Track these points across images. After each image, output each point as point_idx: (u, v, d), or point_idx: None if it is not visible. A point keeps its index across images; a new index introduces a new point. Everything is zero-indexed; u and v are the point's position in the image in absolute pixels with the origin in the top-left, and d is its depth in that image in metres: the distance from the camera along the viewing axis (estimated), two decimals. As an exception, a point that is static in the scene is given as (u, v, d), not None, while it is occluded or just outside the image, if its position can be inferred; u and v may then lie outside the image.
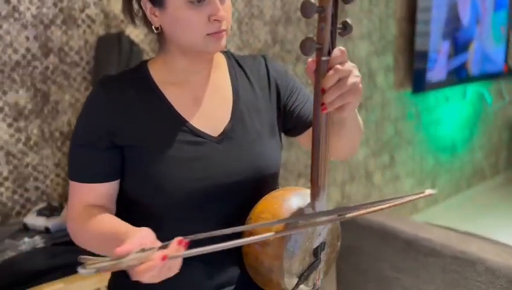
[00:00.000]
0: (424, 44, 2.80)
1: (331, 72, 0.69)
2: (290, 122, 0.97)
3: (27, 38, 1.51)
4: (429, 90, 2.98)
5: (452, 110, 3.35)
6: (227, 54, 0.97)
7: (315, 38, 0.70)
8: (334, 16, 0.69)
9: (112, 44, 1.57)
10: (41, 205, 1.55)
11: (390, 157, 2.95)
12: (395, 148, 2.97)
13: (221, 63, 0.94)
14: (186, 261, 0.79)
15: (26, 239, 1.36)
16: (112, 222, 0.82)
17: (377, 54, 2.70)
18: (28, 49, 1.51)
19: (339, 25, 0.73)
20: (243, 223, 0.85)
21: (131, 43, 1.63)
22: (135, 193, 0.87)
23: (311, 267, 0.85)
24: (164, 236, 0.69)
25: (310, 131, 0.91)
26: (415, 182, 3.17)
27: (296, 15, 2.25)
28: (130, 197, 0.88)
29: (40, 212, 1.46)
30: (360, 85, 0.72)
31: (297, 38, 2.27)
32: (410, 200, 0.82)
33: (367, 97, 2.71)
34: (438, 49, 2.92)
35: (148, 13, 0.84)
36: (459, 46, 3.10)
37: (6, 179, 1.53)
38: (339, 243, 0.92)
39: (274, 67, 0.97)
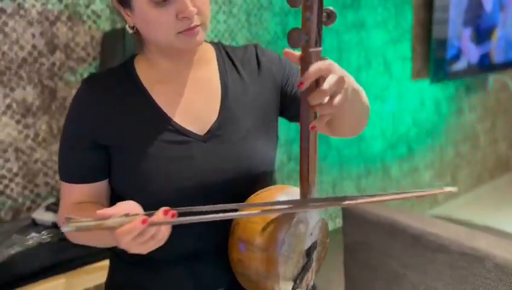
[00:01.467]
0: (443, 31, 2.71)
1: (322, 91, 0.65)
2: (292, 107, 0.93)
3: (33, 35, 1.52)
4: (449, 80, 2.88)
5: (473, 99, 3.24)
6: (218, 46, 0.93)
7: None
8: (320, 5, 0.65)
9: (117, 39, 1.57)
10: (51, 200, 1.57)
11: (408, 149, 2.88)
12: (413, 140, 2.90)
13: (210, 58, 0.91)
14: (175, 262, 0.79)
15: (33, 234, 1.38)
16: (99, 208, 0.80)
17: (393, 42, 2.63)
18: (34, 46, 1.53)
19: (323, 14, 0.69)
20: (231, 222, 0.83)
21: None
22: (122, 193, 0.86)
23: (305, 269, 0.82)
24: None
25: None
26: (434, 174, 3.09)
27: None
28: (119, 195, 0.87)
29: (48, 208, 1.48)
30: (348, 86, 0.70)
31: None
32: (427, 195, 0.79)
33: (383, 88, 2.64)
34: (459, 36, 2.82)
35: (122, 13, 0.83)
36: (482, 34, 2.98)
37: (16, 175, 1.56)
38: (328, 240, 0.89)
39: (266, 56, 0.93)
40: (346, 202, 0.76)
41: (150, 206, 0.84)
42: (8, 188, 1.55)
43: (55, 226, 1.42)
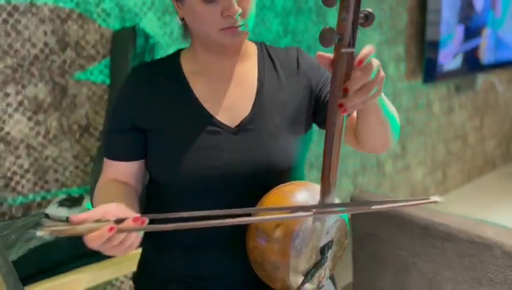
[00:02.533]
0: (435, 33, 2.79)
1: (359, 74, 0.65)
2: (323, 113, 0.95)
3: (45, 32, 1.53)
4: (440, 80, 2.97)
5: (463, 99, 3.34)
6: (261, 45, 0.98)
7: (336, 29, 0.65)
8: (357, 6, 0.65)
9: (127, 37, 1.59)
10: (62, 196, 1.58)
11: (401, 146, 2.96)
12: (407, 138, 2.98)
13: (251, 54, 0.96)
14: (199, 249, 0.85)
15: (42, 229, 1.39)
16: (111, 198, 0.83)
17: (388, 43, 2.70)
18: (45, 44, 1.54)
19: (362, 15, 0.71)
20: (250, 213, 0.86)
21: (146, 36, 1.65)
22: (155, 174, 0.93)
23: (318, 266, 0.84)
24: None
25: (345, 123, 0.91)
26: (426, 171, 3.17)
27: (307, 5, 2.25)
28: (155, 177, 0.93)
29: (61, 203, 1.49)
30: (382, 79, 0.70)
31: (308, 29, 2.27)
32: (414, 205, 0.79)
33: (378, 87, 2.71)
34: (450, 38, 2.90)
35: (175, 5, 0.87)
36: (472, 33, 3.08)
37: (27, 171, 1.57)
38: (346, 241, 0.91)
39: (306, 61, 0.97)
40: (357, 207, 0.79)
41: (177, 189, 0.89)
42: (19, 185, 1.56)
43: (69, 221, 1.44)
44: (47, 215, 1.47)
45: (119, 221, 0.67)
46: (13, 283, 0.80)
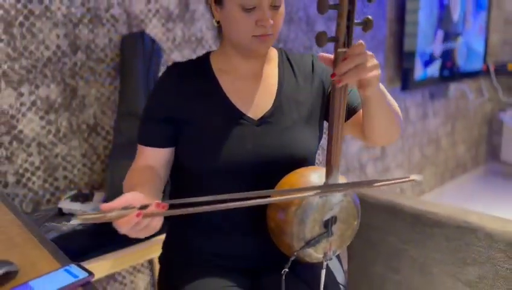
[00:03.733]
0: (412, 44, 2.99)
1: (346, 60, 0.79)
2: None
3: (58, 36, 1.61)
4: (416, 88, 3.17)
5: (436, 106, 3.56)
6: (281, 50, 1.11)
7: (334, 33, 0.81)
8: (351, 13, 0.80)
9: (136, 41, 1.69)
10: (71, 192, 1.65)
11: (381, 150, 3.13)
12: (386, 142, 3.15)
13: (273, 58, 1.09)
14: (224, 229, 0.98)
15: (64, 222, 1.46)
16: (140, 184, 0.93)
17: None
18: (58, 46, 1.62)
19: (361, 21, 0.85)
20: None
21: (153, 41, 1.75)
22: (185, 161, 1.03)
23: (321, 237, 0.96)
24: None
25: (353, 119, 1.05)
26: (404, 173, 3.36)
27: (298, 16, 2.40)
28: (181, 163, 1.04)
29: (73, 198, 1.56)
30: (375, 66, 0.83)
31: (298, 37, 2.42)
32: (396, 183, 0.94)
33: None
34: (426, 49, 3.11)
35: (212, 9, 0.99)
36: (446, 45, 3.30)
37: (38, 168, 1.63)
38: (355, 222, 1.02)
39: (320, 65, 1.11)
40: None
41: (204, 175, 1.00)
42: (30, 181, 1.62)
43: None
44: (60, 210, 1.54)
45: (143, 207, 0.77)
46: (62, 258, 0.88)
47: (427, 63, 3.16)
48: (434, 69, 3.24)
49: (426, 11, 3.03)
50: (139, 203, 0.78)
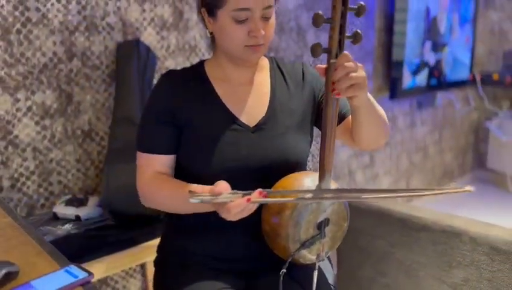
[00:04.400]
0: (400, 54, 3.06)
1: (338, 68, 0.86)
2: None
3: (54, 43, 1.64)
4: (404, 97, 3.24)
5: (424, 114, 3.63)
6: (272, 59, 1.16)
7: (327, 45, 0.88)
8: (343, 27, 0.87)
9: (131, 49, 1.72)
10: (66, 197, 1.67)
11: (370, 157, 3.19)
12: (374, 149, 3.21)
13: (264, 66, 1.13)
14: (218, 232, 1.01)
15: (59, 226, 1.49)
16: (185, 185, 0.99)
17: (358, 62, 2.93)
18: (54, 53, 1.65)
19: (350, 34, 0.91)
20: None
21: (148, 49, 1.79)
22: (185, 165, 1.06)
23: (315, 238, 1.01)
24: None
25: (341, 125, 1.10)
26: (392, 180, 3.42)
27: (289, 26, 2.45)
28: (180, 166, 1.07)
29: (68, 203, 1.59)
30: (363, 76, 0.89)
31: (289, 46, 2.47)
32: (448, 192, 1.02)
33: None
34: (414, 58, 3.18)
35: (205, 20, 1.03)
36: (433, 55, 3.38)
37: (32, 173, 1.65)
38: (345, 224, 1.07)
39: (309, 72, 1.16)
40: (362, 197, 0.98)
41: (203, 179, 1.03)
42: (25, 186, 1.64)
43: (78, 218, 1.54)
44: (55, 214, 1.56)
45: (246, 194, 0.86)
46: (61, 259, 0.91)
47: (415, 72, 3.24)
48: (421, 78, 3.32)
49: (414, 23, 3.11)
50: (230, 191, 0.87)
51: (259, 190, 0.86)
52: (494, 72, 4.02)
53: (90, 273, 0.82)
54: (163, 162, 1.06)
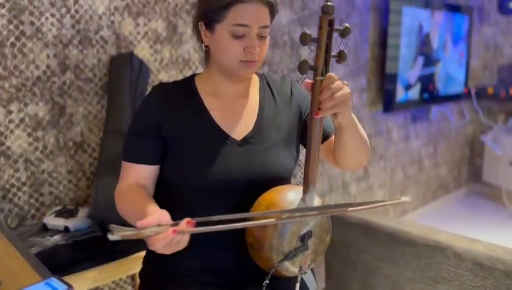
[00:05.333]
0: (394, 67, 3.09)
1: (324, 89, 0.89)
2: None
3: (48, 56, 1.67)
4: (398, 110, 3.26)
5: (419, 127, 3.66)
6: (262, 76, 1.19)
7: (311, 61, 0.92)
8: (328, 46, 0.91)
9: (124, 62, 1.75)
10: (56, 208, 1.68)
11: (364, 169, 3.20)
12: (369, 162, 3.23)
13: (255, 83, 1.16)
14: (202, 244, 0.99)
15: (48, 237, 1.50)
16: (144, 202, 0.99)
17: (352, 75, 2.97)
18: (48, 66, 1.67)
19: (336, 54, 0.94)
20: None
21: (141, 62, 1.81)
22: (171, 178, 1.07)
23: (298, 250, 1.02)
24: (183, 216, 0.85)
25: (325, 144, 1.13)
26: (387, 193, 3.43)
27: (282, 40, 2.48)
28: (166, 179, 1.08)
29: (58, 214, 1.60)
30: (346, 94, 0.92)
31: (283, 60, 2.50)
32: (387, 204, 1.04)
33: (344, 115, 2.96)
34: (408, 72, 3.22)
35: (202, 33, 1.05)
36: (426, 69, 3.41)
37: (24, 184, 1.67)
38: (327, 238, 1.09)
39: (297, 90, 1.19)
40: (334, 210, 1.00)
41: (190, 189, 1.05)
42: (16, 197, 1.65)
43: (67, 230, 1.55)
44: (45, 225, 1.58)
45: (174, 225, 0.83)
46: (43, 271, 0.92)
47: (408, 87, 3.26)
48: (414, 93, 3.35)
49: (407, 39, 3.14)
50: (168, 221, 0.84)
51: (187, 219, 0.83)
52: (489, 86, 4.05)
53: (69, 286, 0.83)
54: (142, 172, 1.08)
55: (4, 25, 1.56)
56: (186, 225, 0.82)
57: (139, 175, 1.08)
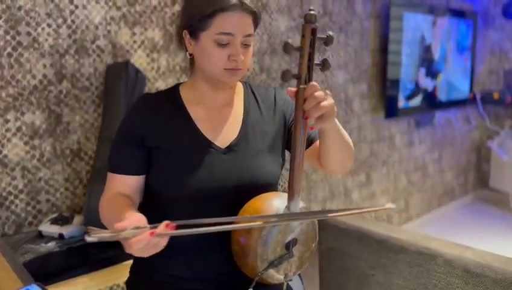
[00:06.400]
0: (396, 73, 3.08)
1: (309, 98, 0.89)
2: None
3: (44, 65, 1.69)
4: (401, 116, 3.25)
5: (422, 133, 3.63)
6: (246, 84, 1.20)
7: (296, 69, 0.92)
8: (312, 54, 0.91)
9: (120, 71, 1.77)
10: (52, 215, 1.70)
11: (366, 176, 3.18)
12: (371, 168, 3.21)
13: (239, 91, 1.17)
14: (188, 252, 0.98)
15: (42, 244, 1.52)
16: (125, 207, 1.00)
17: (353, 82, 2.96)
18: (44, 75, 1.70)
19: (319, 62, 0.95)
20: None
21: (137, 70, 1.83)
22: (156, 187, 1.08)
23: (283, 258, 1.02)
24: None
25: (310, 149, 1.13)
26: (390, 199, 3.40)
27: (281, 47, 2.49)
28: (152, 189, 1.09)
29: (53, 221, 1.62)
30: (332, 104, 0.92)
31: (281, 67, 2.51)
32: (370, 211, 1.03)
33: (345, 121, 2.95)
34: (410, 78, 3.20)
35: (186, 41, 1.07)
36: (428, 74, 3.40)
37: (21, 191, 1.69)
38: (313, 245, 1.08)
39: (281, 97, 1.19)
40: (319, 216, 1.00)
41: (174, 200, 1.05)
42: (13, 204, 1.68)
43: (61, 237, 1.57)
44: (40, 232, 1.60)
45: (153, 227, 0.83)
46: (26, 278, 0.94)
47: (409, 96, 3.25)
48: (418, 98, 3.33)
49: (408, 49, 3.13)
50: (145, 224, 0.84)
51: (166, 222, 0.83)
52: (495, 91, 4.01)
53: (48, 293, 0.84)
54: (127, 183, 1.08)
55: (1, 36, 1.59)
56: (165, 228, 0.83)
57: (123, 186, 1.08)
